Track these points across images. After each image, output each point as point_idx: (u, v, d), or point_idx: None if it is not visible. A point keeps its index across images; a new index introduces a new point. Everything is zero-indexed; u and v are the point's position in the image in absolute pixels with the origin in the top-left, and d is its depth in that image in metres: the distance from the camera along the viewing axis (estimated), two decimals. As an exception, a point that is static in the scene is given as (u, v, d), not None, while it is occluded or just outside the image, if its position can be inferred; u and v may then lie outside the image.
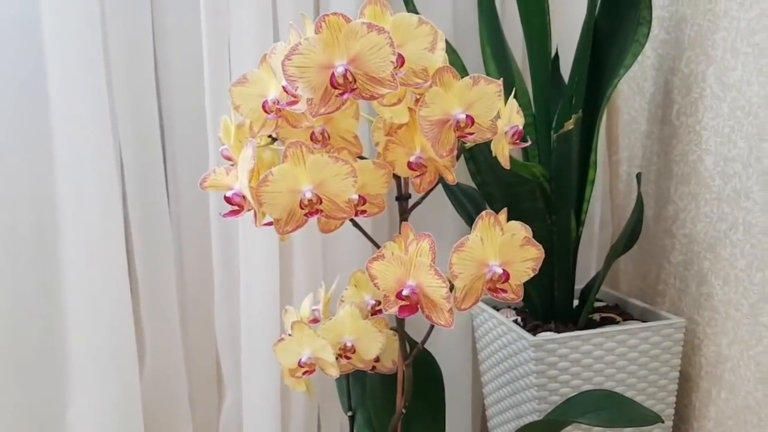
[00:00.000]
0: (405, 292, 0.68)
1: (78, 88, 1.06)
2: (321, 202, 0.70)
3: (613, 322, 1.16)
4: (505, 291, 0.68)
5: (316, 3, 1.19)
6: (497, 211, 0.73)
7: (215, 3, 1.12)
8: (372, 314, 0.96)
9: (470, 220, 1.14)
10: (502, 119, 0.77)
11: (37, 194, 1.10)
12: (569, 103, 1.09)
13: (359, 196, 0.75)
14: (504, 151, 0.80)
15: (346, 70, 0.63)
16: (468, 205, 1.17)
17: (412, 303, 0.68)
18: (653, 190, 1.25)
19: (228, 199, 0.72)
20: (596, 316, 1.18)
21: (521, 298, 0.72)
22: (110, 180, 1.09)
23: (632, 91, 1.31)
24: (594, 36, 1.09)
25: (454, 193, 1.18)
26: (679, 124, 1.17)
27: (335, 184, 0.71)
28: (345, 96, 0.63)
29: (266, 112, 0.75)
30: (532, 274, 0.70)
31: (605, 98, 1.10)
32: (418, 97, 0.74)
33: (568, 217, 1.09)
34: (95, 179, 1.09)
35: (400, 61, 0.67)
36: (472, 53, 1.26)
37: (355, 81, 0.63)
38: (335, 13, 0.62)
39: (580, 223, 1.14)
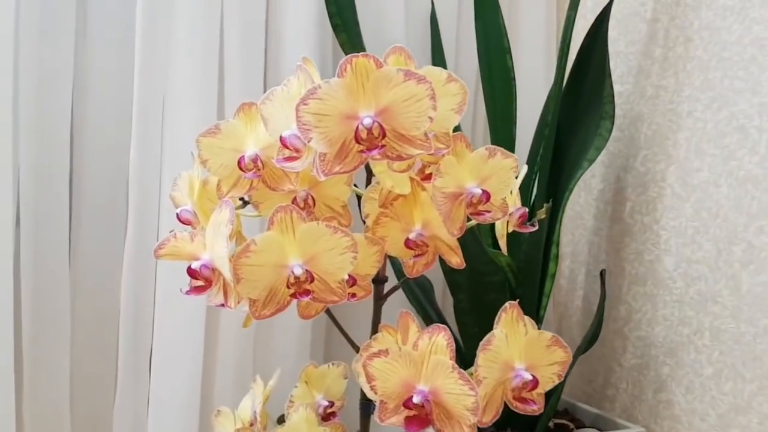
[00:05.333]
0: (416, 399, 0.55)
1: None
2: (312, 281, 0.57)
3: (566, 429, 1.07)
4: (533, 402, 0.57)
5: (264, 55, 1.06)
6: (460, 302, 0.63)
7: (151, 50, 0.98)
8: (324, 418, 0.82)
9: (421, 310, 1.04)
10: (509, 198, 0.69)
11: None
12: (528, 192, 1.04)
13: (349, 275, 0.63)
14: (504, 235, 0.71)
15: (374, 121, 0.51)
16: (419, 293, 1.06)
17: (422, 414, 0.55)
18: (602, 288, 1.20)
19: (193, 272, 0.57)
20: (549, 423, 1.09)
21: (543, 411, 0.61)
22: (4, 245, 0.90)
23: (576, 187, 1.29)
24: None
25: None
26: (633, 222, 1.14)
27: (330, 259, 0.58)
28: (368, 154, 0.52)
29: (242, 170, 0.62)
30: (558, 381, 0.60)
31: (568, 191, 1.06)
32: (423, 164, 0.64)
33: (531, 312, 1.01)
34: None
35: (427, 120, 0.57)
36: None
37: (383, 136, 0.52)
38: (366, 55, 0.51)
39: (539, 320, 1.06)
